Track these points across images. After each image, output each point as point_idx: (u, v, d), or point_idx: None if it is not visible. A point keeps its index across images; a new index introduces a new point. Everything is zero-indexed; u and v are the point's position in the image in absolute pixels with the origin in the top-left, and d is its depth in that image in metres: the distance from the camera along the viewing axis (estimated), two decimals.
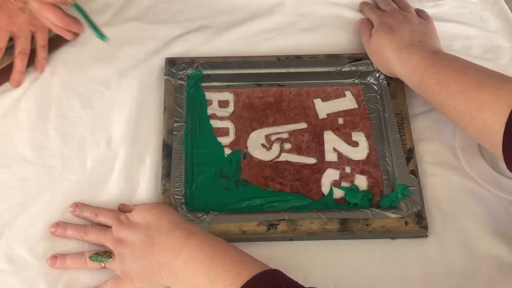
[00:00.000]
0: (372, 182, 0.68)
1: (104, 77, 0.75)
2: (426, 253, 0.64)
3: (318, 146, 0.71)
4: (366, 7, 0.81)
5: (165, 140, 0.69)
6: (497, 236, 0.65)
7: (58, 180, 0.68)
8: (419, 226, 0.64)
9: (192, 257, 0.56)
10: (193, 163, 0.69)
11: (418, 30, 0.73)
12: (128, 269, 0.60)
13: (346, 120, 0.73)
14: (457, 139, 0.71)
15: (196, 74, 0.74)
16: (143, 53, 0.77)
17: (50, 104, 0.73)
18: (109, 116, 0.72)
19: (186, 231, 0.59)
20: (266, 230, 0.63)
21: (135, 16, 0.81)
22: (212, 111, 0.73)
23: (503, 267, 0.63)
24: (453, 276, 0.63)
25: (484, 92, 0.61)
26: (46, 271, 0.62)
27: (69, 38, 0.73)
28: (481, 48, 0.79)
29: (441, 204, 0.67)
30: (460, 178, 0.69)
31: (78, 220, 0.65)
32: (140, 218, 0.61)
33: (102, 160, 0.69)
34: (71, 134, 0.71)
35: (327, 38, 0.79)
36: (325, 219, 0.64)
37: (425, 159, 0.70)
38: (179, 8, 0.82)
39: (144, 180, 0.68)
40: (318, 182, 0.68)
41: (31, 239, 0.64)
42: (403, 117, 0.71)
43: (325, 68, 0.74)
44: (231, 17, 0.81)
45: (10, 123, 0.72)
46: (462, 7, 0.83)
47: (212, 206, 0.66)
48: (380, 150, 0.70)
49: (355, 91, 0.75)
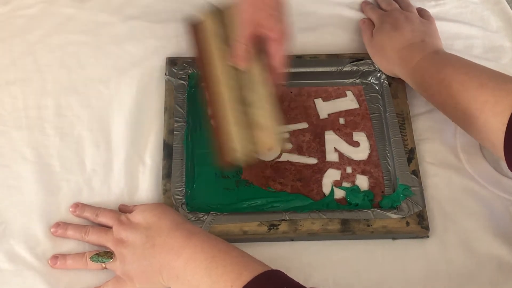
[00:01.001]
0: (373, 183, 0.68)
1: (103, 76, 0.75)
2: (428, 253, 0.64)
3: (319, 146, 0.70)
4: (367, 6, 0.81)
5: (165, 140, 0.69)
6: (498, 236, 0.65)
7: (58, 179, 0.68)
8: (420, 227, 0.64)
9: (193, 258, 0.56)
10: (194, 163, 0.69)
11: (419, 30, 0.73)
12: (128, 270, 0.59)
13: (347, 120, 0.72)
14: (458, 139, 0.71)
15: (197, 73, 0.74)
16: (143, 52, 0.77)
17: (48, 103, 0.73)
18: (109, 116, 0.72)
19: (186, 232, 0.59)
20: (267, 230, 0.63)
21: (136, 14, 0.81)
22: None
23: (504, 267, 0.63)
24: (455, 277, 0.63)
25: (485, 92, 0.61)
26: (46, 272, 0.62)
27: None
28: (482, 48, 0.79)
29: (442, 204, 0.67)
30: (462, 178, 0.69)
31: (79, 220, 0.65)
32: (141, 219, 0.61)
33: (102, 160, 0.69)
34: (70, 133, 0.71)
35: (328, 38, 0.79)
36: (326, 219, 0.64)
37: (427, 159, 0.70)
38: (180, 7, 0.81)
39: (144, 180, 0.68)
40: (319, 182, 0.68)
41: (32, 239, 0.64)
42: (404, 117, 0.70)
43: (326, 68, 0.74)
44: None
45: (8, 121, 0.72)
46: (463, 7, 0.83)
47: (213, 206, 0.66)
48: (381, 150, 0.70)
49: (356, 91, 0.75)
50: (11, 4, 0.81)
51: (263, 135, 0.62)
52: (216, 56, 0.66)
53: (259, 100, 0.64)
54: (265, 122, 0.62)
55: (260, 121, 0.63)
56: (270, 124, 0.62)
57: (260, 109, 0.63)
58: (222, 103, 0.64)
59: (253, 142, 0.62)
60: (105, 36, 0.78)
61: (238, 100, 0.64)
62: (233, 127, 0.63)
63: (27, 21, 0.79)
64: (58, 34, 0.78)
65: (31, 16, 0.80)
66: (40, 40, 0.78)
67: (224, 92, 0.65)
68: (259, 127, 0.63)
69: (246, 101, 0.64)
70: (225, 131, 0.63)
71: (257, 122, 0.63)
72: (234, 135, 0.62)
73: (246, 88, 0.65)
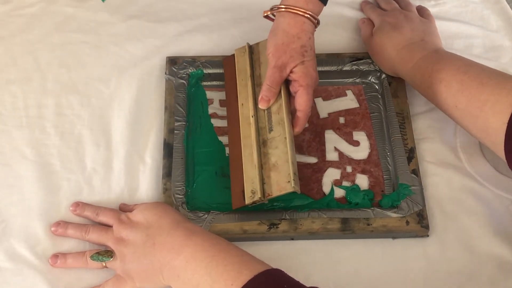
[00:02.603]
0: (373, 182, 0.68)
1: (103, 75, 0.75)
2: (427, 252, 0.64)
3: (319, 146, 0.70)
4: (367, 6, 0.81)
5: (166, 139, 0.69)
6: (498, 235, 0.65)
7: (58, 178, 0.68)
8: (420, 226, 0.64)
9: (193, 257, 0.56)
10: (194, 162, 0.69)
11: (419, 29, 0.73)
12: (129, 269, 0.59)
13: (347, 119, 0.72)
14: (458, 138, 0.71)
15: (197, 73, 0.74)
16: (143, 51, 0.77)
17: (49, 102, 0.73)
18: (109, 115, 0.72)
19: (187, 231, 0.59)
20: (267, 229, 0.63)
21: (136, 14, 0.81)
22: (213, 110, 0.73)
23: (504, 266, 0.63)
24: (454, 276, 0.63)
25: (485, 90, 0.61)
26: (47, 270, 0.62)
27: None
28: (482, 47, 0.79)
29: (442, 203, 0.67)
30: (461, 177, 0.69)
31: (79, 219, 0.65)
32: (141, 218, 0.61)
33: (102, 159, 0.69)
34: (70, 132, 0.71)
35: (328, 37, 0.79)
36: (326, 218, 0.64)
37: (426, 159, 0.70)
38: (180, 6, 0.82)
39: (144, 179, 0.68)
40: (319, 181, 0.68)
41: (32, 238, 0.64)
42: (404, 117, 0.70)
43: (326, 67, 0.74)
44: (232, 15, 0.81)
45: (9, 120, 0.72)
46: (463, 6, 0.83)
47: (213, 205, 0.66)
48: (381, 149, 0.70)
49: (356, 90, 0.75)
50: (11, 3, 0.81)
51: (278, 177, 0.63)
52: (240, 92, 0.69)
53: (278, 140, 0.65)
54: (282, 163, 0.63)
55: (276, 162, 0.64)
56: (286, 166, 0.63)
57: (277, 149, 0.64)
58: (239, 140, 0.66)
59: (269, 183, 0.63)
60: (105, 36, 0.78)
61: (256, 139, 0.65)
62: (248, 167, 0.64)
63: (27, 20, 0.80)
64: (58, 33, 0.79)
65: (31, 15, 0.80)
66: (40, 39, 0.78)
67: (242, 129, 0.67)
68: (275, 168, 0.63)
69: (264, 140, 0.66)
70: (240, 170, 0.64)
71: (274, 163, 0.64)
72: (249, 176, 0.63)
73: (266, 128, 0.66)
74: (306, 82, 0.65)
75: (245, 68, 0.70)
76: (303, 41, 0.66)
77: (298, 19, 0.65)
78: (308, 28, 0.66)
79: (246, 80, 0.69)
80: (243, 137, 0.66)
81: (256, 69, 0.70)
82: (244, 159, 0.65)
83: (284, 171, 0.62)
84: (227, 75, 0.73)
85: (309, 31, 0.66)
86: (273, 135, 0.65)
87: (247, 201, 0.62)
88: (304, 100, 0.65)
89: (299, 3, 0.65)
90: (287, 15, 0.66)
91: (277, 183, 0.62)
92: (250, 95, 0.68)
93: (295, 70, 0.66)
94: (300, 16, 0.65)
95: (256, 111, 0.67)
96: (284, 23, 0.66)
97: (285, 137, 0.64)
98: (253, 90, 0.68)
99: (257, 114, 0.67)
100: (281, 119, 0.65)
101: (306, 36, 0.66)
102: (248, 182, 0.63)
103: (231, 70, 0.72)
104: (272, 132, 0.65)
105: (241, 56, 0.72)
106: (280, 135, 0.65)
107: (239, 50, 0.72)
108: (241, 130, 0.67)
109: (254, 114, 0.67)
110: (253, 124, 0.66)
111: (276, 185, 0.62)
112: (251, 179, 0.63)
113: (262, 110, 0.67)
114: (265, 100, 0.66)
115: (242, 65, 0.71)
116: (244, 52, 0.72)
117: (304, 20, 0.65)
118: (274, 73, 0.66)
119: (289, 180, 0.61)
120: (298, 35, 0.65)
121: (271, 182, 0.63)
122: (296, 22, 0.65)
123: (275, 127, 0.65)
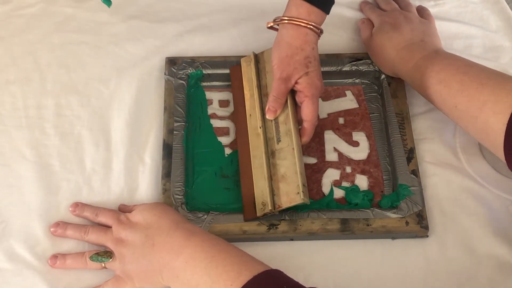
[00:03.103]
0: (372, 182, 0.68)
1: (103, 76, 0.75)
2: (427, 253, 0.64)
3: (319, 146, 0.71)
4: (366, 6, 0.81)
5: (165, 139, 0.69)
6: (497, 236, 0.65)
7: (57, 179, 0.68)
8: (419, 226, 0.64)
9: (193, 257, 0.56)
10: (193, 163, 0.69)
11: (419, 30, 0.73)
12: (128, 269, 0.59)
13: (346, 119, 0.72)
14: (458, 139, 0.71)
15: (197, 73, 0.74)
16: (142, 51, 0.77)
17: (48, 102, 0.73)
18: (108, 115, 0.72)
19: (186, 231, 0.59)
20: (267, 230, 0.63)
21: (136, 14, 0.81)
22: (212, 111, 0.73)
23: (504, 267, 0.63)
24: (454, 276, 0.63)
25: (485, 91, 0.61)
26: (46, 271, 0.62)
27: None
28: (481, 48, 0.79)
29: (441, 204, 0.67)
30: (461, 178, 0.69)
31: (78, 220, 0.65)
32: (140, 218, 0.61)
33: (102, 160, 0.69)
34: (69, 133, 0.71)
35: (328, 38, 0.78)
36: (326, 219, 0.64)
37: (426, 159, 0.70)
38: (180, 6, 0.82)
39: (144, 180, 0.68)
40: (318, 182, 0.68)
41: (32, 239, 0.64)
42: (404, 117, 0.70)
43: (326, 67, 0.74)
44: (231, 16, 0.81)
45: (8, 121, 0.72)
46: (462, 7, 0.83)
47: (213, 205, 0.66)
48: (380, 150, 0.70)
49: (356, 90, 0.75)
50: (11, 4, 0.81)
51: (287, 188, 0.63)
52: (248, 102, 0.70)
53: (286, 151, 0.65)
54: (290, 175, 0.63)
55: (285, 173, 0.64)
56: (295, 177, 0.63)
57: (286, 160, 0.64)
58: (248, 151, 0.67)
59: (278, 195, 0.63)
60: (105, 36, 0.78)
61: (265, 150, 0.66)
62: (258, 178, 0.64)
63: (27, 21, 0.80)
64: (58, 34, 0.79)
65: (31, 16, 0.80)
66: (40, 40, 0.78)
67: (251, 140, 0.67)
68: (284, 179, 0.64)
69: (273, 151, 0.66)
70: (250, 181, 0.65)
71: (283, 174, 0.64)
72: (259, 187, 0.64)
73: (274, 138, 0.67)
74: (311, 92, 0.66)
75: (251, 77, 0.71)
76: (307, 52, 0.66)
77: (301, 31, 0.66)
78: (311, 39, 0.66)
79: (253, 90, 0.70)
80: (252, 148, 0.67)
81: (262, 79, 0.71)
82: (254, 170, 0.65)
83: (293, 183, 0.63)
84: (234, 84, 0.73)
85: (312, 42, 0.66)
86: (281, 146, 0.66)
87: (258, 213, 0.63)
88: (310, 111, 0.66)
89: (302, 15, 0.65)
90: (290, 27, 0.66)
91: (286, 194, 0.63)
92: (257, 106, 0.69)
93: (299, 81, 0.66)
94: (303, 27, 0.65)
95: (264, 122, 0.68)
96: (287, 35, 0.66)
97: (293, 147, 0.65)
98: (260, 100, 0.69)
99: (265, 124, 0.68)
100: (288, 129, 0.66)
101: (309, 47, 0.66)
102: (259, 193, 0.64)
103: (238, 80, 0.72)
104: (280, 142, 0.66)
105: (247, 65, 0.72)
106: (288, 146, 0.65)
107: (245, 60, 0.73)
108: (250, 141, 0.67)
109: (262, 125, 0.67)
110: (262, 134, 0.67)
111: (286, 196, 0.63)
112: (261, 191, 0.64)
113: (269, 121, 0.68)
114: (272, 111, 0.67)
115: (248, 75, 0.71)
116: (250, 61, 0.72)
117: (307, 31, 0.66)
118: (279, 85, 0.66)
119: (298, 192, 0.62)
120: (301, 46, 0.66)
121: (280, 194, 0.63)
122: (299, 33, 0.66)
123: (283, 138, 0.66)
